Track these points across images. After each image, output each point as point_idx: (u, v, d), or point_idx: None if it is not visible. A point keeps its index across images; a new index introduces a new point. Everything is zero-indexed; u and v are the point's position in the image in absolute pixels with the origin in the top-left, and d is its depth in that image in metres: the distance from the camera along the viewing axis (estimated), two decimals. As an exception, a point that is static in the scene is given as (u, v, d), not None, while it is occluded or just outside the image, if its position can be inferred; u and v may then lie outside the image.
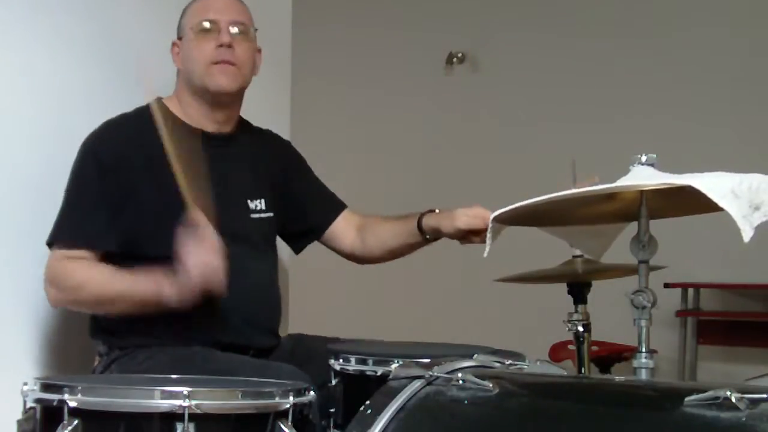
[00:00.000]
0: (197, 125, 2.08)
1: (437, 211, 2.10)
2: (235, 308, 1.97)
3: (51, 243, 1.96)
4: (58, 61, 2.16)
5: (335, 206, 2.28)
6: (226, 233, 1.84)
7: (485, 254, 1.52)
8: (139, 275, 1.87)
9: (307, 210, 2.26)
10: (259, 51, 2.16)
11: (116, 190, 1.97)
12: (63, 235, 1.96)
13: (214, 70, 2.03)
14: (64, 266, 1.94)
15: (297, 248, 2.32)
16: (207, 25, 2.04)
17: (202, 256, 1.77)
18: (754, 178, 1.29)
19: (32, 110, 2.10)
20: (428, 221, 2.10)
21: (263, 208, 2.13)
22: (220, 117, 2.10)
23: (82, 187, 1.99)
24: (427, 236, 2.11)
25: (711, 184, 1.28)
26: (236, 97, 2.11)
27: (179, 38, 2.11)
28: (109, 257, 1.96)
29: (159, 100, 1.98)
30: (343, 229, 2.25)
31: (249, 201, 2.11)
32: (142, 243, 1.95)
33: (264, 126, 2.29)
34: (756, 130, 4.16)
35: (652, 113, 4.28)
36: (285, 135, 2.43)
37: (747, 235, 1.23)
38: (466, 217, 2.00)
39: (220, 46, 2.03)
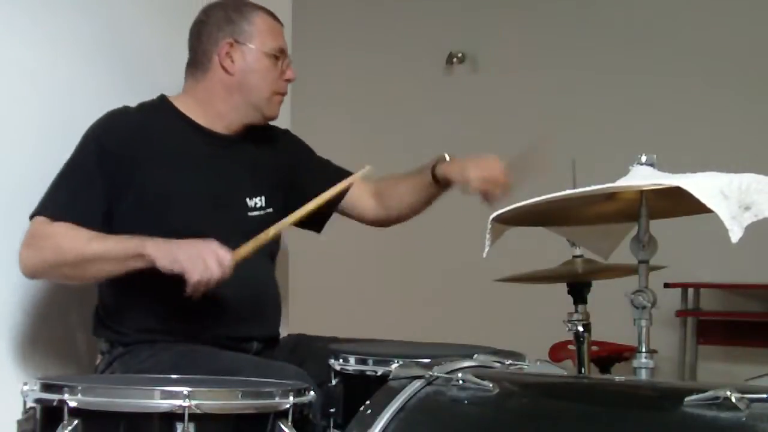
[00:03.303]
0: (207, 125, 2.10)
1: (447, 158, 2.17)
2: (235, 302, 1.98)
3: (34, 214, 1.92)
4: (63, 59, 2.16)
5: (345, 178, 2.28)
6: (225, 230, 1.86)
7: (484, 254, 1.52)
8: (120, 236, 1.87)
9: (318, 190, 2.26)
10: None
11: (116, 176, 1.96)
12: (50, 206, 1.92)
13: (276, 101, 2.14)
14: (45, 228, 1.90)
15: (318, 227, 2.31)
16: (279, 54, 2.11)
17: (202, 254, 1.78)
18: (744, 178, 1.28)
19: (37, 109, 2.10)
20: (440, 171, 2.16)
21: (262, 205, 2.13)
22: (238, 128, 2.13)
23: (77, 165, 1.98)
24: (444, 186, 2.18)
25: (700, 184, 1.27)
26: None
27: (236, 41, 2.07)
28: None
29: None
30: (359, 196, 2.28)
31: (248, 199, 2.11)
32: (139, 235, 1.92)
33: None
34: (756, 130, 4.15)
35: (652, 113, 4.28)
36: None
37: (735, 235, 1.22)
38: (475, 175, 2.08)
39: (287, 80, 2.14)
